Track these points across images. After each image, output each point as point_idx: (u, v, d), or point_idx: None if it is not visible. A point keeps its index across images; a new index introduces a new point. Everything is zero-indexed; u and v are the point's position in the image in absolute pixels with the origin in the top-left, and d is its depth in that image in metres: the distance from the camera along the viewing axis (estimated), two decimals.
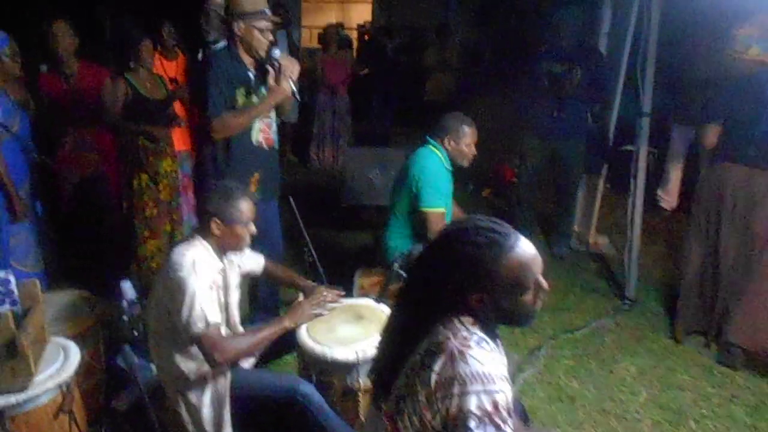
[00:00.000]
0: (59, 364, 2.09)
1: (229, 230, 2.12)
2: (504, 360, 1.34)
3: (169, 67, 4.06)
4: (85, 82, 3.56)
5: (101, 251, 3.64)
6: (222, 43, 3.27)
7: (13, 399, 1.92)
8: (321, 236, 3.90)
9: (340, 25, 6.71)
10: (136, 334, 2.97)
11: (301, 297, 2.53)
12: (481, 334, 1.32)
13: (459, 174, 3.29)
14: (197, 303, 1.99)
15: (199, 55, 4.13)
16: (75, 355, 2.14)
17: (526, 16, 5.20)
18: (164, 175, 3.68)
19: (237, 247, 2.21)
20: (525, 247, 1.33)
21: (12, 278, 2.04)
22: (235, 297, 2.34)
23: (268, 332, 2.19)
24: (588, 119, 4.43)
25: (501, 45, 5.29)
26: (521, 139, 4.49)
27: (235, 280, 2.34)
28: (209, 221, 2.10)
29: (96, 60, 3.73)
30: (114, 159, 3.74)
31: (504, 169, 5.78)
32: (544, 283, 1.35)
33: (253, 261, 2.52)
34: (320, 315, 2.37)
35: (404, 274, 2.64)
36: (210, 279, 2.08)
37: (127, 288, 3.03)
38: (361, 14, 9.62)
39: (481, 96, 5.21)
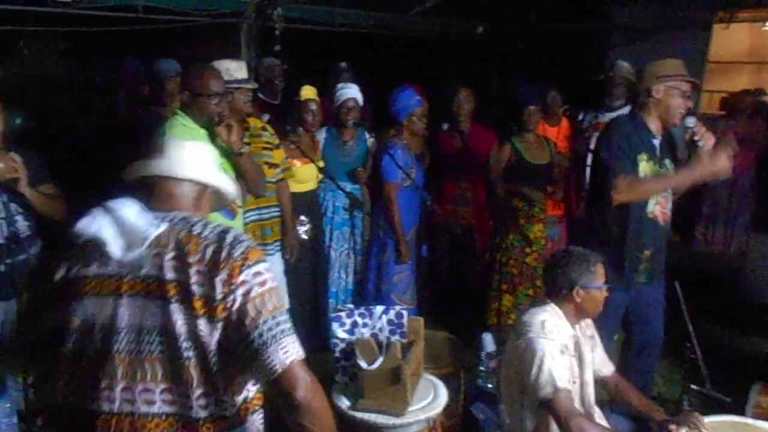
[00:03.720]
0: (429, 399, 2.38)
1: (588, 296, 2.22)
2: None
3: (551, 133, 4.32)
4: (476, 142, 4.05)
5: (465, 299, 4.03)
6: (623, 110, 3.34)
7: (390, 421, 2.27)
8: (706, 332, 3.52)
9: (759, 91, 6.05)
10: (490, 386, 3.18)
11: None
12: None
13: None
14: (546, 365, 2.07)
15: (579, 117, 4.27)
16: (443, 394, 2.42)
17: None
18: (534, 241, 3.91)
19: (595, 311, 2.29)
20: None
21: (405, 313, 2.43)
22: (590, 375, 2.33)
23: None
24: None
25: None
26: None
27: (589, 357, 2.34)
28: (570, 289, 2.21)
29: (482, 122, 4.23)
30: (485, 214, 4.13)
31: None
32: None
33: (603, 361, 2.46)
34: None
35: None
36: (561, 343, 2.16)
37: (488, 340, 3.28)
38: None
39: None
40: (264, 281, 1.35)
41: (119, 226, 1.36)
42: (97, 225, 1.37)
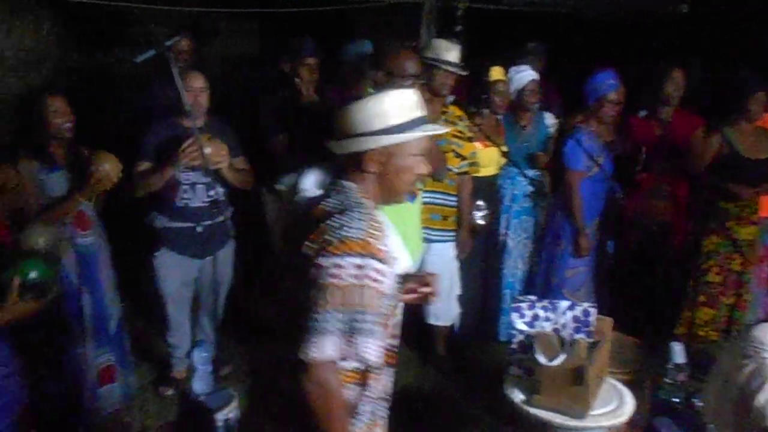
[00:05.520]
0: (613, 406, 2.25)
1: None
2: None
3: None
4: (679, 130, 3.71)
5: (653, 303, 3.75)
6: None
7: (568, 422, 2.17)
8: None
9: None
10: (675, 400, 2.94)
11: None
12: None
13: None
14: None
15: None
16: (629, 402, 2.28)
17: None
18: (742, 244, 3.51)
19: None
20: None
21: (593, 312, 2.30)
22: None
23: None
24: None
25: None
26: None
27: None
28: None
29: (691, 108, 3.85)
30: (684, 211, 3.78)
31: None
32: None
33: None
34: None
35: None
36: None
37: (678, 351, 3.02)
38: None
39: None
40: (337, 275, 1.38)
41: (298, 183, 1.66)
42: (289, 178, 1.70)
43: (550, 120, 3.90)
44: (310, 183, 1.58)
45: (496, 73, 3.61)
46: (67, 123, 2.79)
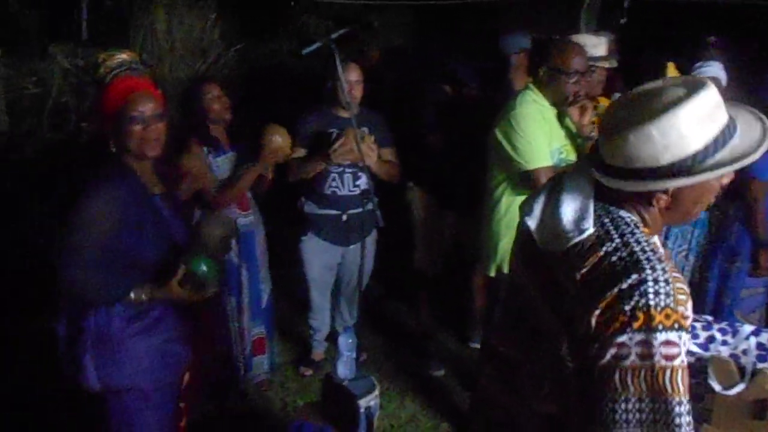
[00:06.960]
0: None
1: None
2: None
3: None
4: None
5: None
6: None
7: None
8: None
9: None
10: None
11: None
12: None
13: None
14: None
15: None
16: None
17: None
18: None
19: None
20: None
21: None
22: None
23: None
24: None
25: None
26: None
27: None
28: None
29: None
30: None
31: None
32: None
33: None
34: None
35: None
36: None
37: None
38: None
39: None
40: (650, 355, 1.10)
41: (548, 212, 1.28)
42: (531, 204, 1.33)
43: None
44: (570, 218, 1.23)
45: (669, 70, 3.32)
46: (225, 108, 2.95)
